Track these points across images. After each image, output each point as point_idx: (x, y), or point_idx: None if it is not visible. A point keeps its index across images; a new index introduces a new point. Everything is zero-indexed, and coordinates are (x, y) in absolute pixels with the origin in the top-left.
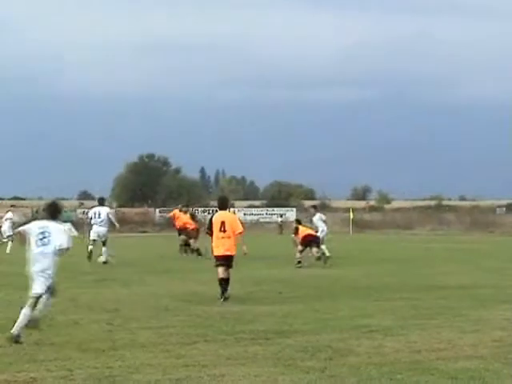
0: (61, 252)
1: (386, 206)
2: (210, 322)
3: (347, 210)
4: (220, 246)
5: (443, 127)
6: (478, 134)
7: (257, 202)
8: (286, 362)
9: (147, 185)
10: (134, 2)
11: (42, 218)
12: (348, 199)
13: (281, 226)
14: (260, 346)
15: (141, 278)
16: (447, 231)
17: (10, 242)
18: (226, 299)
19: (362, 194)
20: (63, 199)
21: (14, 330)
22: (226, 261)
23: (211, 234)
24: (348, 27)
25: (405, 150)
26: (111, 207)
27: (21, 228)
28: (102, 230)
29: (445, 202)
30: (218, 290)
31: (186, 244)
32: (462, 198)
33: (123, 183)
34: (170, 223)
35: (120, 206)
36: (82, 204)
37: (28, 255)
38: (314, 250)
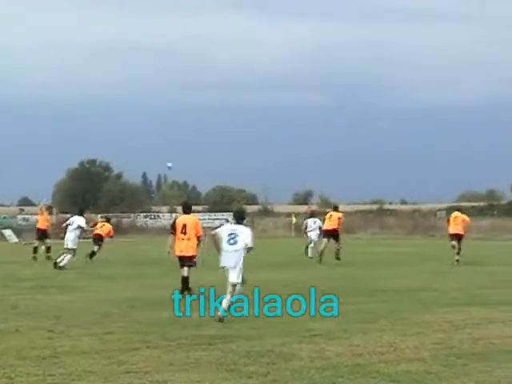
0: None
1: (328, 211)
2: (153, 327)
3: (289, 214)
4: (178, 246)
5: (386, 131)
6: (420, 137)
7: (199, 207)
8: (229, 368)
9: (89, 191)
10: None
11: None
12: (290, 204)
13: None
14: (203, 352)
15: (83, 283)
16: (389, 235)
17: None
18: (185, 293)
19: (303, 199)
20: (2, 206)
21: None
22: (185, 261)
23: (174, 234)
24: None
25: (347, 154)
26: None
27: None
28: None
29: (386, 206)
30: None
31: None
32: (403, 202)
33: (64, 189)
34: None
35: (62, 212)
36: (23, 210)
37: None
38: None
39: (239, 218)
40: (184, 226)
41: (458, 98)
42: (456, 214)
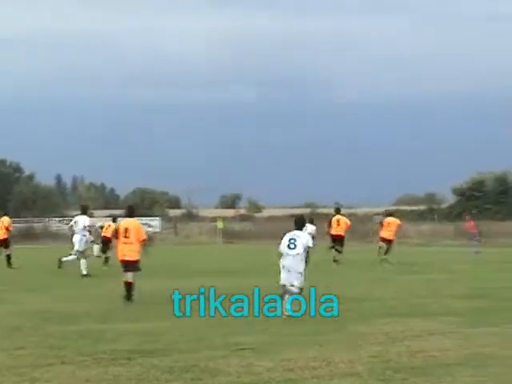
0: None
1: (257, 215)
2: (68, 341)
3: (215, 219)
4: (121, 251)
5: (320, 130)
6: (357, 138)
7: (118, 211)
8: None
9: None
10: None
11: None
12: (216, 207)
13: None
14: (122, 367)
15: None
16: (322, 241)
17: None
18: (129, 299)
19: (231, 202)
20: None
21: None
22: (128, 265)
23: (118, 238)
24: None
25: (278, 154)
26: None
27: None
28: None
29: (320, 210)
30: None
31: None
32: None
33: None
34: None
35: None
36: None
37: None
38: None
39: (299, 225)
40: (126, 230)
41: (397, 96)
42: (389, 219)
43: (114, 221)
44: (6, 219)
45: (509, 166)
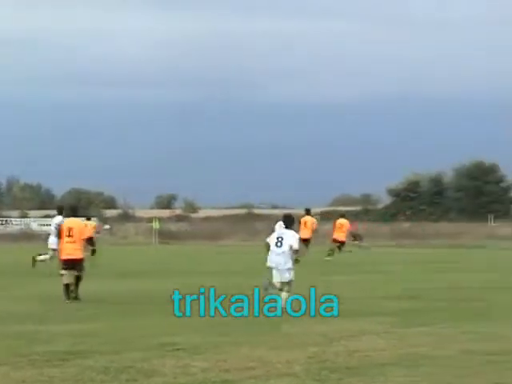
0: None
1: (193, 215)
2: (2, 342)
3: (151, 219)
4: (65, 250)
5: (256, 131)
6: (292, 139)
7: (54, 212)
8: None
9: None
10: None
11: None
12: (152, 208)
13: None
14: (57, 369)
15: None
16: (258, 242)
17: None
18: (75, 298)
19: (167, 203)
20: None
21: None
22: (71, 264)
23: (61, 238)
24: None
25: (214, 155)
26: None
27: None
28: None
29: (256, 211)
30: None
31: None
32: (274, 206)
33: None
34: None
35: None
36: None
37: None
38: None
39: (288, 223)
40: (70, 229)
41: (333, 96)
42: (341, 220)
43: (89, 219)
44: None
45: (444, 167)
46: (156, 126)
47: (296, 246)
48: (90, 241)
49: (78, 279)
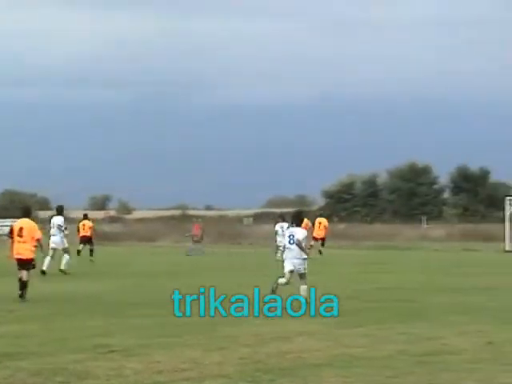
0: None
1: (127, 217)
2: None
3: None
4: (16, 249)
5: (192, 133)
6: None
7: None
8: None
9: None
10: None
11: None
12: (86, 209)
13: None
14: None
15: None
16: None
17: None
18: (22, 297)
19: (101, 204)
20: None
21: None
22: (22, 264)
23: (12, 237)
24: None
25: (148, 156)
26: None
27: None
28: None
29: (191, 212)
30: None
31: None
32: (209, 208)
33: None
34: None
35: None
36: None
37: None
38: None
39: (297, 220)
40: (21, 229)
41: (267, 98)
42: (320, 219)
43: (86, 219)
44: None
45: (378, 169)
46: (90, 127)
47: (301, 238)
48: (89, 241)
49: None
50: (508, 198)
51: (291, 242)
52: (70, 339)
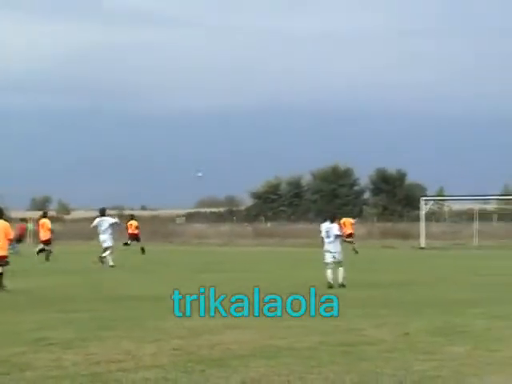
0: None
1: (67, 217)
2: None
3: (25, 220)
4: None
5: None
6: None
7: None
8: None
9: None
10: None
11: None
12: (27, 210)
13: None
14: None
15: None
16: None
17: None
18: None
19: (41, 205)
20: None
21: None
22: None
23: None
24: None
25: (87, 159)
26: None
27: None
28: (104, 237)
29: (126, 212)
30: None
31: None
32: (144, 208)
33: None
34: None
35: None
36: None
37: None
38: None
39: (330, 219)
40: None
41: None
42: (344, 219)
43: (132, 218)
44: None
45: (302, 171)
46: (31, 132)
47: (338, 232)
48: (136, 237)
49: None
50: (423, 198)
51: (328, 235)
52: (12, 333)
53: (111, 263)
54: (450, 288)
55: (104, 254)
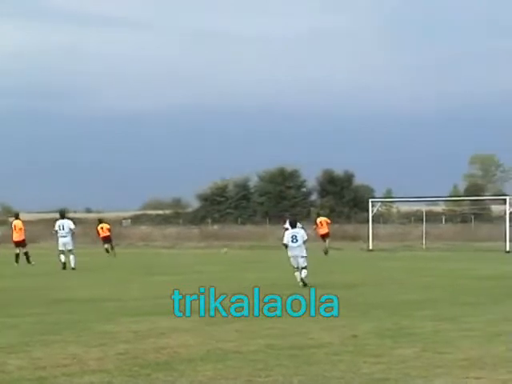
0: None
1: (11, 220)
2: None
3: None
4: None
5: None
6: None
7: None
8: None
9: None
10: None
11: None
12: None
13: None
14: None
15: None
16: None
17: None
18: None
19: None
20: None
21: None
22: None
23: None
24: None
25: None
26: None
27: None
28: (65, 240)
29: (71, 215)
30: None
31: None
32: (88, 211)
33: None
34: None
35: None
36: None
37: None
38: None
39: (294, 225)
40: None
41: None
42: (320, 218)
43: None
44: None
45: (249, 173)
46: None
47: (305, 237)
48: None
49: None
50: (371, 200)
51: (294, 240)
52: None
53: (73, 265)
54: (397, 290)
55: (63, 259)
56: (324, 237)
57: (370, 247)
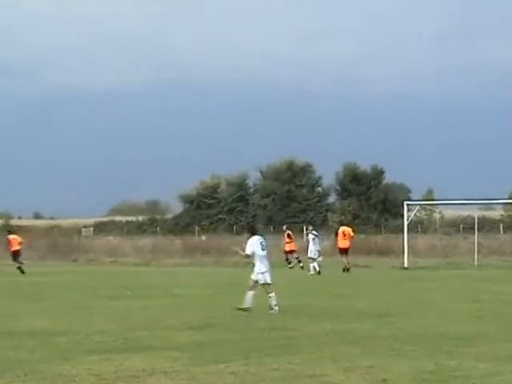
0: None
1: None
2: None
3: None
4: None
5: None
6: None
7: None
8: None
9: None
10: None
11: None
12: None
13: None
14: None
15: None
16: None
17: None
18: None
19: None
20: None
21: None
22: None
23: None
24: None
25: None
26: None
27: None
28: None
29: (15, 222)
30: None
31: None
32: (38, 216)
33: None
34: None
35: None
36: None
37: None
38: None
39: (252, 232)
40: None
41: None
42: (343, 228)
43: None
44: None
45: (247, 168)
46: None
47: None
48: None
49: None
50: (407, 203)
51: (263, 248)
52: None
53: None
54: (439, 320)
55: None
56: (345, 251)
57: (405, 264)
